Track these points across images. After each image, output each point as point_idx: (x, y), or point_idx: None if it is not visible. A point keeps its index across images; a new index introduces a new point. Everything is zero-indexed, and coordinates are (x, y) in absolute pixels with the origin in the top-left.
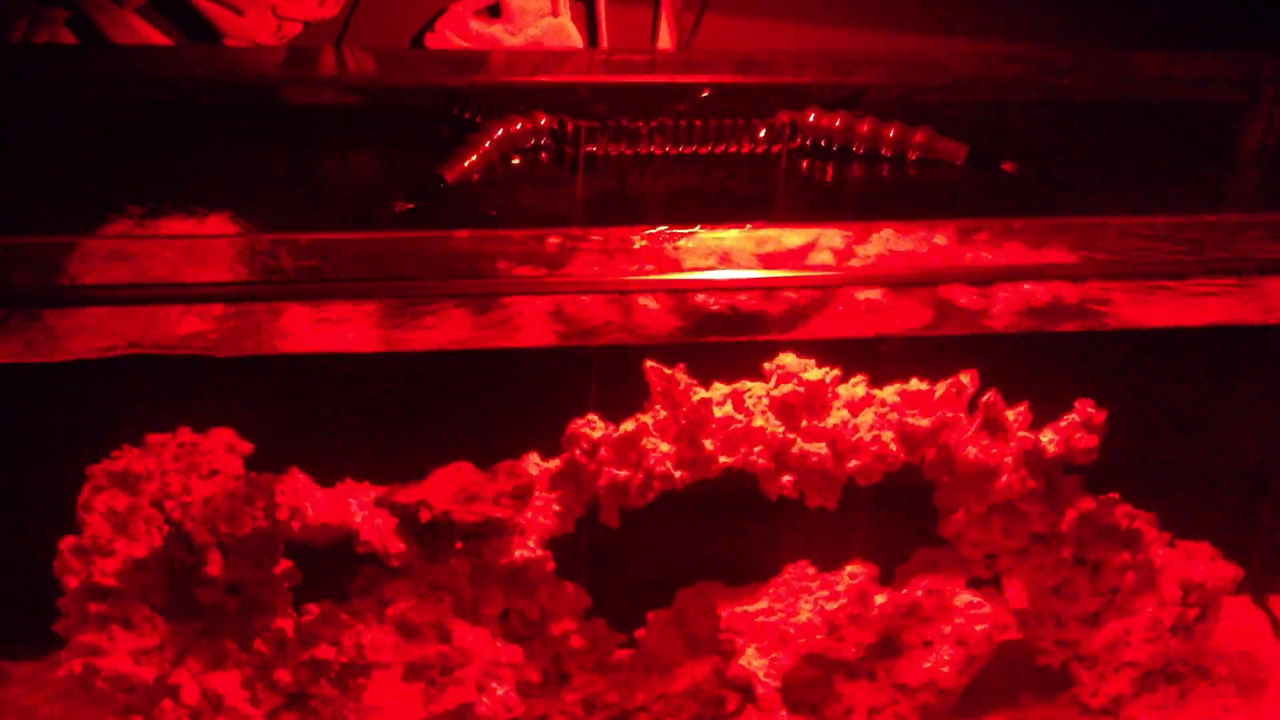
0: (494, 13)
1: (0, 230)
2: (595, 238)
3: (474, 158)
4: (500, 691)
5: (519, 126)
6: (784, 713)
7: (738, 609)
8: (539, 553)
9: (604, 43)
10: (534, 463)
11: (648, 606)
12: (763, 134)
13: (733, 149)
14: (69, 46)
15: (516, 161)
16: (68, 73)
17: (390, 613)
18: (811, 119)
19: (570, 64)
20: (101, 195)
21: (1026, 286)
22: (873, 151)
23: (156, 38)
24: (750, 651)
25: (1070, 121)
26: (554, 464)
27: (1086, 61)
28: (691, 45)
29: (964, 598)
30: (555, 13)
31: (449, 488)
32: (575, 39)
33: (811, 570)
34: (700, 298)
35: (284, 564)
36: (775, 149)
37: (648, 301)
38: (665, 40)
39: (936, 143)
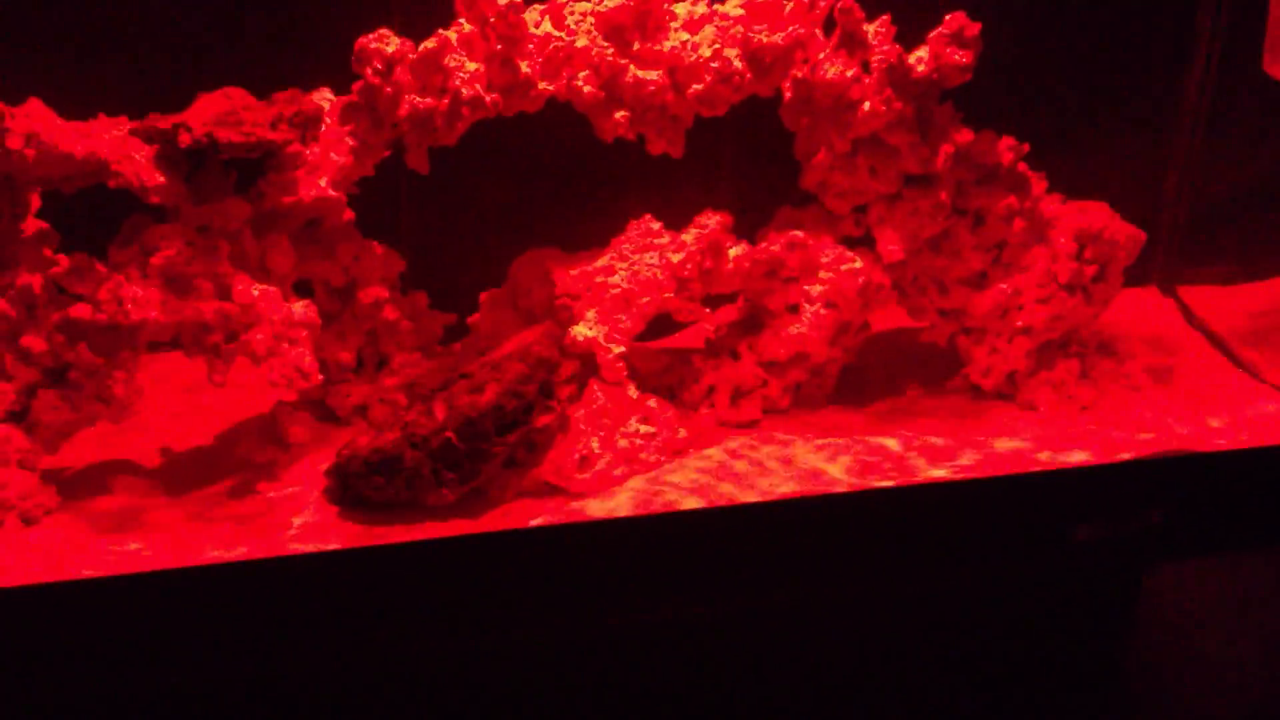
0: None
1: None
2: None
3: None
4: (293, 355)
5: None
6: (632, 386)
7: (574, 271)
8: (332, 193)
9: None
10: (324, 95)
11: (480, 286)
12: None
13: None
14: None
15: None
16: None
17: (156, 263)
18: None
19: None
20: None
21: None
22: None
23: None
24: (590, 315)
25: None
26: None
27: None
28: None
29: (831, 253)
30: None
31: (215, 111)
32: None
33: (658, 225)
34: None
35: (30, 212)
36: None
37: None
38: None
39: None
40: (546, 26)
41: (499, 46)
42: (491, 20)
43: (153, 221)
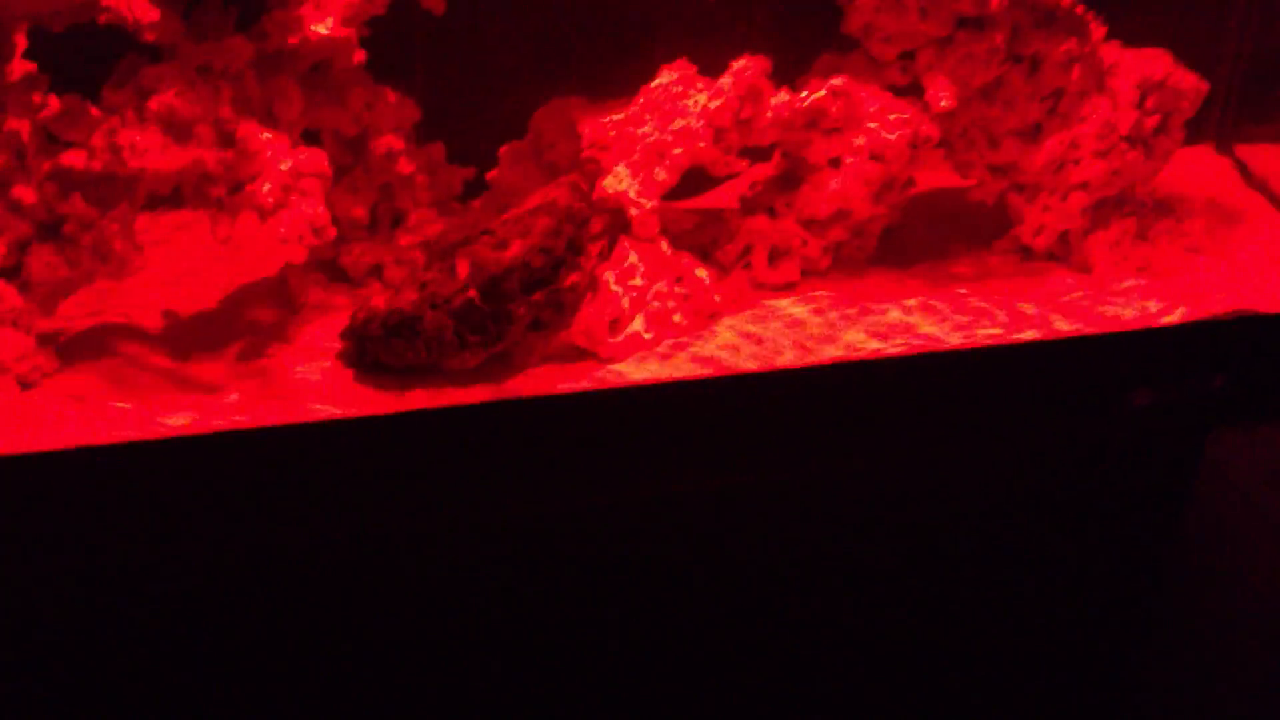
0: None
1: None
2: None
3: None
4: (304, 208)
5: None
6: (665, 243)
7: (602, 121)
8: (341, 32)
9: None
10: None
11: (500, 139)
12: None
13: None
14: None
15: None
16: None
17: (153, 106)
18: None
19: None
20: None
21: None
22: None
23: None
24: (620, 168)
25: None
26: None
27: None
28: None
29: (877, 102)
30: None
31: None
32: None
33: (692, 71)
34: None
35: (16, 52)
36: None
37: None
38: None
39: None
40: None
41: None
42: None
43: (149, 62)
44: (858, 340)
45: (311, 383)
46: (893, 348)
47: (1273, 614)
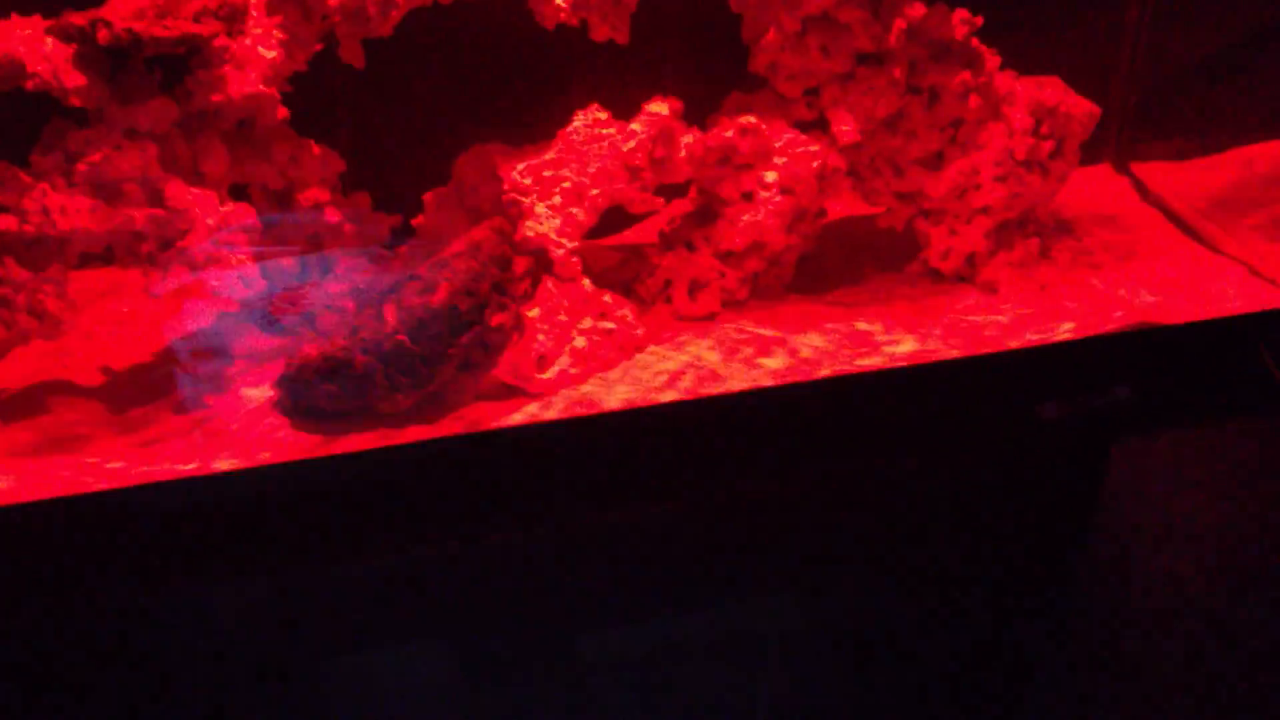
0: None
1: None
2: None
3: None
4: (233, 262)
5: None
6: (587, 281)
7: (521, 165)
8: (263, 90)
9: None
10: None
11: (423, 186)
12: None
13: None
14: None
15: None
16: None
17: (82, 169)
18: None
19: None
20: None
21: None
22: None
23: None
24: (541, 210)
25: None
26: None
27: None
28: None
29: (785, 137)
30: None
31: (135, 4)
32: None
33: (605, 114)
34: None
35: None
36: None
37: None
38: None
39: None
40: None
41: None
42: None
43: (76, 126)
44: (777, 366)
45: (248, 430)
46: (810, 370)
47: (1171, 612)
